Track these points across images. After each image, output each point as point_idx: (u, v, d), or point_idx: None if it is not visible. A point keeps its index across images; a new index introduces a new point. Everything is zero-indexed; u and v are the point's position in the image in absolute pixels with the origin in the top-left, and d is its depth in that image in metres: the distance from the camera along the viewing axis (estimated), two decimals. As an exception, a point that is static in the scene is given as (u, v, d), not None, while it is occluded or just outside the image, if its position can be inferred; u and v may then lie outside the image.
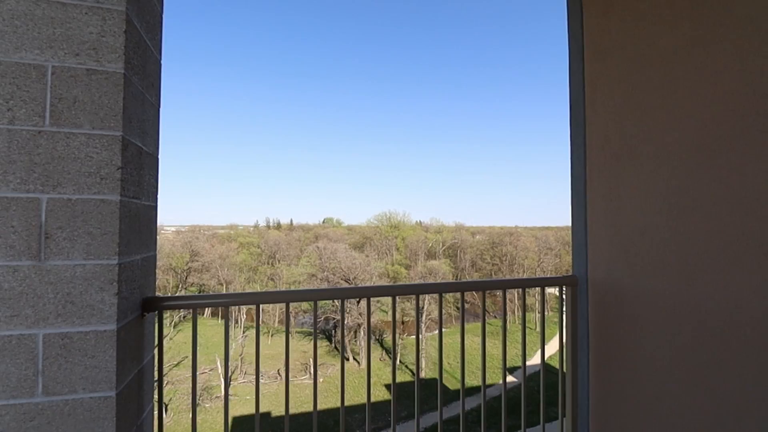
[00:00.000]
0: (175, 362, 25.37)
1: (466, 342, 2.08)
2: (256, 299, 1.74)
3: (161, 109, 1.62)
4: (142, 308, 1.45)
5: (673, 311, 1.78)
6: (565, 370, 2.22)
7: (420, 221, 55.67)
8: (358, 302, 28.56)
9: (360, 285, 26.25)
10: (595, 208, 2.21)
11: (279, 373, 26.30)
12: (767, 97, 1.44)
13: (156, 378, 1.62)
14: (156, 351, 1.60)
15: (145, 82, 1.45)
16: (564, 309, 2.24)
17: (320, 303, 1.91)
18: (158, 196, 1.61)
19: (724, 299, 1.58)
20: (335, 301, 2.01)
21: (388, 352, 31.29)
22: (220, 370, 24.01)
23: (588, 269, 2.23)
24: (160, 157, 1.61)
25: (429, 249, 44.05)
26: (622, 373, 2.02)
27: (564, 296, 2.24)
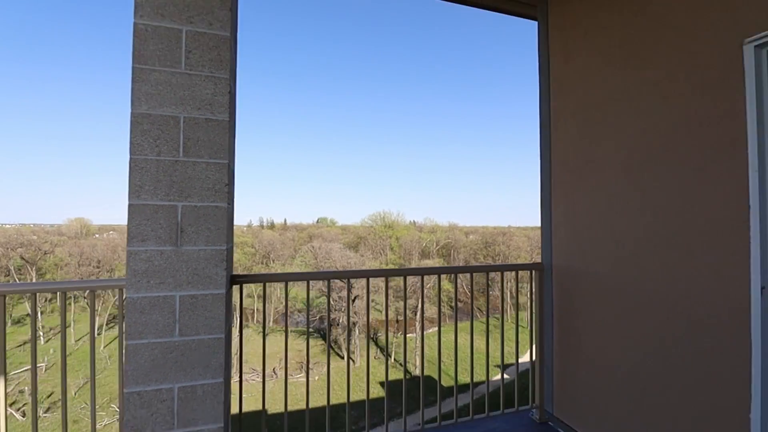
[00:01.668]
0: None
1: (460, 340, 2.71)
2: (323, 276, 2.35)
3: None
4: (231, 282, 2.06)
5: (607, 286, 2.43)
6: (535, 332, 2.87)
7: (414, 221, 56.09)
8: (354, 301, 29.12)
9: (358, 288, 26.86)
10: (557, 211, 2.86)
11: (275, 372, 26.73)
12: (666, 134, 2.09)
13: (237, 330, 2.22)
14: (238, 311, 2.21)
15: (233, 121, 2.06)
16: (533, 288, 2.89)
17: (315, 302, 2.49)
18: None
19: (639, 276, 2.23)
20: (330, 299, 2.59)
21: (382, 350, 31.86)
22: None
23: (552, 257, 2.88)
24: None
25: (423, 249, 44.66)
26: (577, 330, 2.67)
27: (533, 278, 2.89)
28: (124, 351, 1.76)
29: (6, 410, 1.64)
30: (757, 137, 1.70)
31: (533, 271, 2.90)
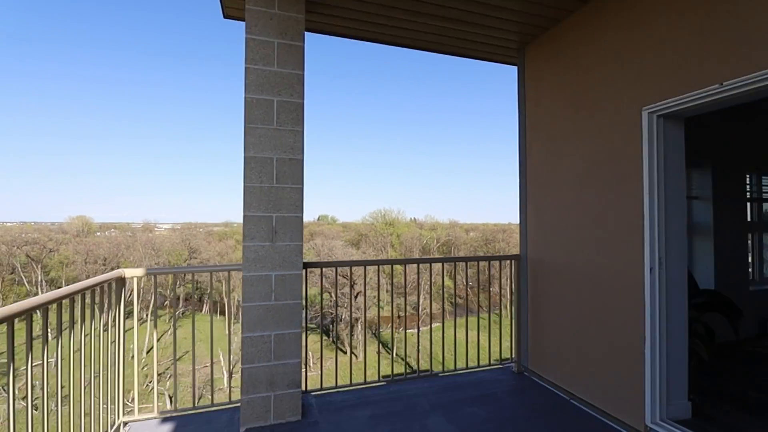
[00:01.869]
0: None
1: (458, 335, 3.65)
2: (375, 263, 3.31)
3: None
4: (304, 266, 3.01)
5: (567, 271, 3.38)
6: (514, 307, 3.84)
7: (415, 218, 56.70)
8: (356, 298, 30.12)
9: (360, 284, 27.84)
10: (530, 215, 3.82)
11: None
12: (597, 164, 3.04)
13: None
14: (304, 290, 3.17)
15: (303, 158, 3.01)
16: (512, 274, 3.86)
17: (316, 299, 3.44)
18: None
19: (580, 261, 3.19)
20: (332, 296, 3.54)
21: (384, 345, 32.93)
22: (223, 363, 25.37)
23: (527, 250, 3.84)
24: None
25: (424, 246, 45.57)
26: (543, 304, 3.63)
27: (512, 267, 3.85)
28: (240, 311, 2.72)
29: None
30: (648, 172, 2.65)
31: (512, 261, 3.87)
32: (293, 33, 2.84)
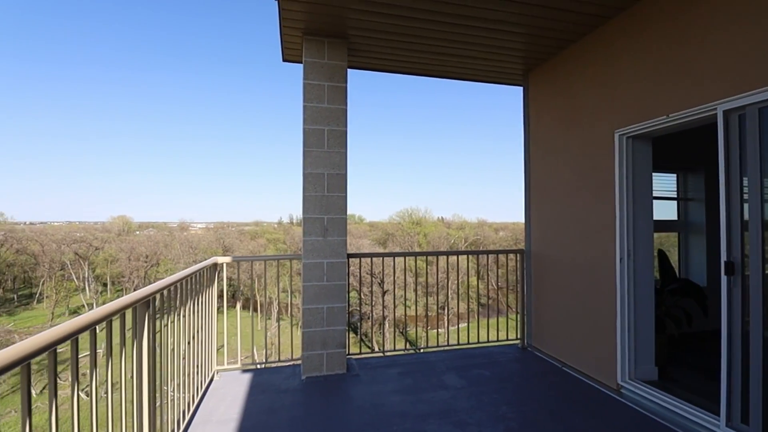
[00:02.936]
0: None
1: (480, 323, 4.42)
2: (411, 254, 4.14)
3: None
4: (348, 256, 3.86)
5: (561, 263, 4.09)
6: (520, 294, 4.57)
7: (442, 217, 56.58)
8: (383, 295, 31.05)
9: (388, 283, 28.71)
10: (533, 216, 4.54)
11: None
12: (582, 175, 3.74)
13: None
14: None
15: (347, 173, 3.86)
16: (517, 266, 4.58)
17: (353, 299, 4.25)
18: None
19: (569, 254, 3.90)
20: (362, 293, 4.34)
21: (411, 343, 33.74)
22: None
23: (531, 245, 4.56)
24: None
25: (451, 245, 45.87)
26: (543, 290, 4.35)
27: (517, 260, 4.58)
28: (301, 291, 3.61)
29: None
30: (618, 181, 3.35)
31: (518, 255, 4.60)
32: (338, 77, 3.71)
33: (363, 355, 4.13)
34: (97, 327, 1.52)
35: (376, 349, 32.83)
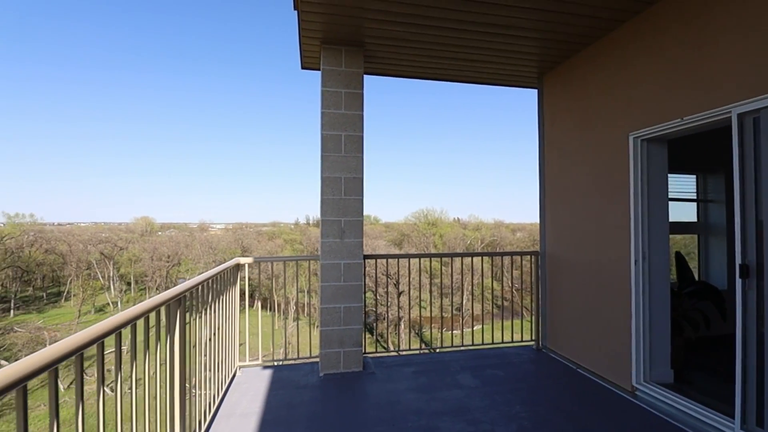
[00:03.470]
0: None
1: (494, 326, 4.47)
2: (427, 256, 4.24)
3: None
4: (364, 258, 3.98)
5: (575, 264, 4.11)
6: (535, 295, 4.59)
7: (458, 218, 56.06)
8: (399, 296, 31.13)
9: (403, 284, 28.78)
10: (548, 218, 4.56)
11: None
12: (597, 176, 3.75)
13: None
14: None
15: (363, 177, 3.97)
16: (532, 268, 4.61)
17: (368, 300, 4.36)
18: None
19: (585, 256, 3.91)
20: (379, 292, 4.43)
21: (426, 343, 33.71)
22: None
23: (546, 247, 4.58)
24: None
25: (467, 246, 45.56)
26: (558, 292, 4.37)
27: (532, 262, 4.61)
28: (319, 291, 3.73)
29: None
30: (633, 184, 3.36)
31: (532, 257, 4.63)
32: (355, 84, 3.83)
33: (379, 354, 4.23)
34: (136, 323, 1.67)
35: (392, 349, 32.97)
